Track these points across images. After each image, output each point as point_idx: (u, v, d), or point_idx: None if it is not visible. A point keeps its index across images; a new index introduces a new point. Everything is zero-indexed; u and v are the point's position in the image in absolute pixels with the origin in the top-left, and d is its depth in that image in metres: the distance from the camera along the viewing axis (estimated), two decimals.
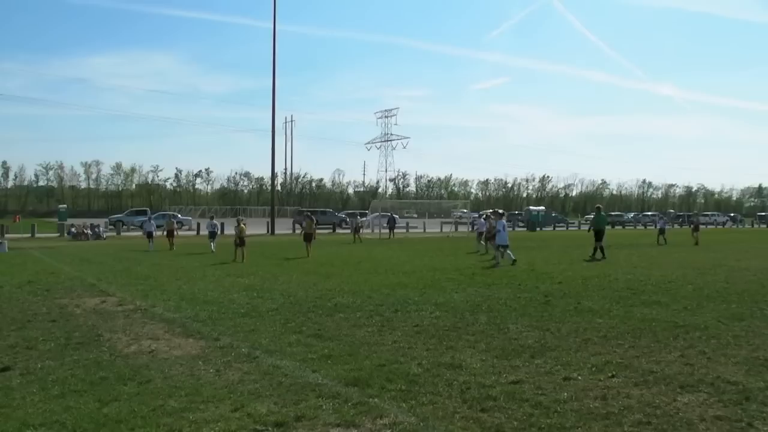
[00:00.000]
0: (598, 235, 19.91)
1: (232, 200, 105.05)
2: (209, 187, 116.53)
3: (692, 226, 30.53)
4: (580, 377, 5.45)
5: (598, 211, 21.45)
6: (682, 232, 47.27)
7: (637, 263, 17.63)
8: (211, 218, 26.14)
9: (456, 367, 5.78)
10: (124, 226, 40.15)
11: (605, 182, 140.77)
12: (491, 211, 26.48)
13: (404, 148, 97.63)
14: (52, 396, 4.87)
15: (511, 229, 51.77)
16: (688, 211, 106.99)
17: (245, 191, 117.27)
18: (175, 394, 4.91)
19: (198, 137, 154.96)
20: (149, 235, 24.91)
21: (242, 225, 19.34)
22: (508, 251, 16.85)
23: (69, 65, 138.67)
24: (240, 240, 18.49)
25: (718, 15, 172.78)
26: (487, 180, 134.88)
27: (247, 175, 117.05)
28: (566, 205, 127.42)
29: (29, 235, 32.44)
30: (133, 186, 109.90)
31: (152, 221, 27.40)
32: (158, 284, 12.31)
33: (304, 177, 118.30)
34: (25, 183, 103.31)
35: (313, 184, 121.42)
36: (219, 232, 21.36)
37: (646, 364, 5.90)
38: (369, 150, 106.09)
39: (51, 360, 6.02)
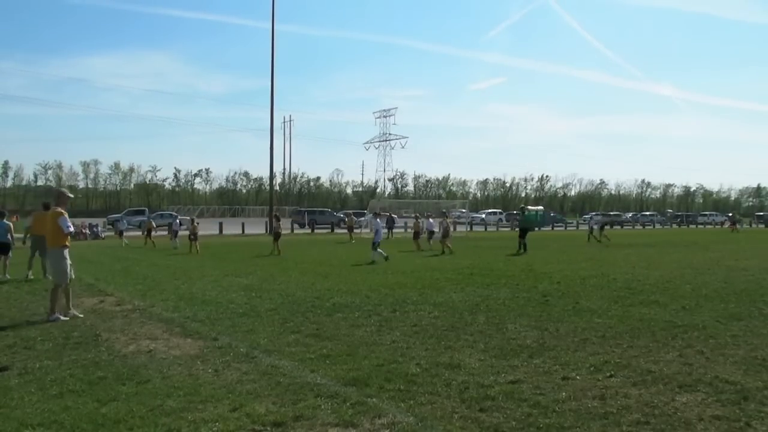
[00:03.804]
0: (523, 232, 22.92)
1: (231, 200, 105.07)
2: (208, 186, 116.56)
3: (597, 225, 32.08)
4: (578, 377, 5.45)
5: (523, 211, 25.62)
6: (671, 232, 47.34)
7: (636, 263, 17.64)
8: (175, 218, 29.26)
9: (454, 366, 5.78)
10: None
11: (604, 182, 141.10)
12: (444, 210, 29.75)
13: (403, 147, 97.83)
14: (50, 396, 4.86)
15: (509, 229, 51.91)
16: (687, 210, 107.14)
17: (244, 191, 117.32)
18: (173, 394, 4.91)
19: (196, 137, 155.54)
20: (120, 233, 28.50)
21: (195, 224, 23.20)
22: (379, 249, 18.42)
23: (67, 65, 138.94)
24: (193, 236, 22.24)
25: (717, 15, 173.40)
26: (485, 180, 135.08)
27: (245, 174, 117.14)
28: (565, 204, 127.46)
29: (22, 234, 32.33)
30: (132, 186, 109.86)
31: (124, 220, 31.50)
32: (156, 284, 12.30)
33: (302, 177, 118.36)
34: (24, 183, 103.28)
35: (312, 184, 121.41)
36: (179, 230, 26.10)
37: (644, 364, 5.90)
38: (367, 150, 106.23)
39: (49, 360, 6.01)
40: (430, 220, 25.17)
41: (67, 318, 8.21)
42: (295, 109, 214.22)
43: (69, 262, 8.61)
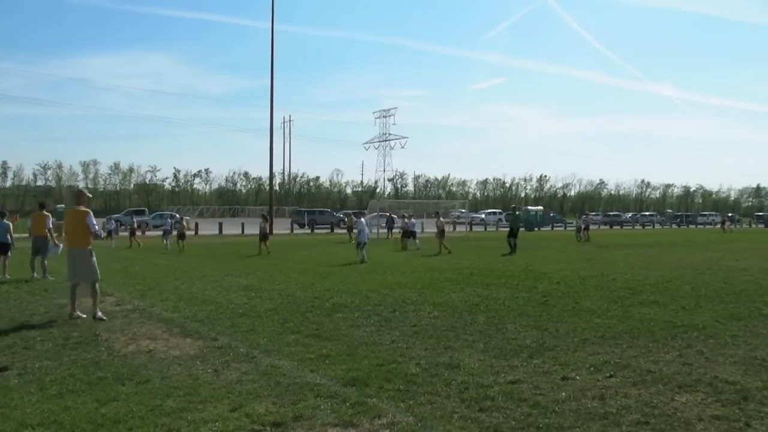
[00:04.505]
0: (513, 232, 23.04)
1: (231, 200, 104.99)
2: (207, 186, 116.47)
3: (583, 225, 33.17)
4: (578, 377, 5.45)
5: (514, 211, 25.97)
6: (670, 232, 47.26)
7: (635, 263, 17.65)
8: (166, 217, 31.21)
9: (454, 366, 5.78)
10: (122, 226, 40.08)
11: (603, 182, 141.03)
12: (440, 211, 29.02)
13: (402, 147, 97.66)
14: (50, 396, 4.86)
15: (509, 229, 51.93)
16: (687, 210, 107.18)
17: (243, 191, 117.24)
18: (173, 394, 4.91)
19: (196, 137, 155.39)
20: (108, 233, 28.15)
21: (184, 223, 24.54)
22: (363, 251, 17.99)
23: (67, 65, 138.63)
24: (181, 234, 23.32)
25: (716, 16, 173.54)
26: (485, 180, 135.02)
27: (245, 175, 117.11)
28: (564, 204, 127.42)
29: (27, 234, 32.37)
30: (132, 186, 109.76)
31: (112, 221, 31.69)
32: (156, 284, 12.29)
33: (302, 177, 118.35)
34: (24, 183, 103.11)
35: (311, 184, 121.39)
36: (170, 230, 26.18)
37: (644, 364, 5.90)
38: (367, 150, 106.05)
39: (49, 360, 6.01)
40: (411, 220, 25.98)
41: (76, 318, 8.26)
42: (295, 109, 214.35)
43: (95, 260, 8.73)
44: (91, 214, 8.76)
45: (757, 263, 17.75)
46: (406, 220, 25.90)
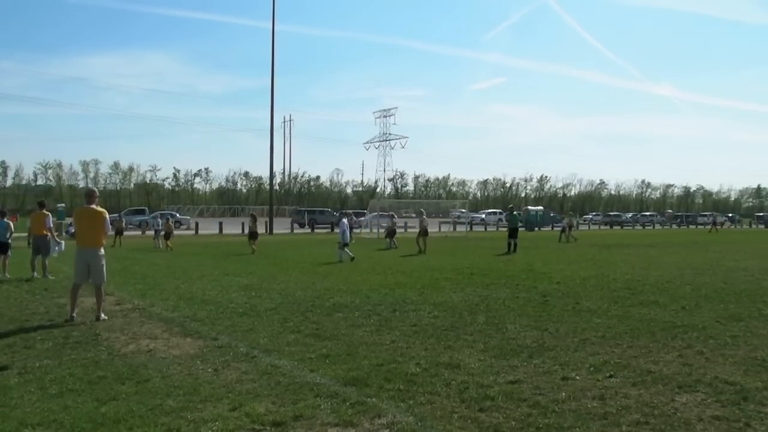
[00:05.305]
0: (513, 232, 23.12)
1: (231, 199, 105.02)
2: (208, 186, 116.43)
3: (567, 225, 34.05)
4: (578, 377, 5.45)
5: (511, 211, 25.92)
6: (670, 232, 47.22)
7: (635, 263, 17.65)
8: (156, 217, 32.05)
9: (454, 366, 5.78)
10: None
11: (603, 182, 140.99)
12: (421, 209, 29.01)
13: (403, 147, 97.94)
14: (50, 395, 4.86)
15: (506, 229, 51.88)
16: (687, 211, 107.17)
17: (244, 190, 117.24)
18: (173, 393, 4.91)
19: (196, 137, 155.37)
20: None
21: (169, 222, 25.52)
22: (347, 249, 18.44)
23: (67, 64, 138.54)
24: (167, 234, 23.97)
25: (716, 16, 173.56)
26: (485, 180, 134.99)
27: (245, 174, 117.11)
28: (564, 204, 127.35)
29: (26, 234, 32.32)
30: (132, 185, 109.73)
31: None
32: (156, 283, 12.29)
33: (302, 176, 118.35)
34: (24, 182, 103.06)
35: (311, 184, 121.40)
36: (161, 230, 26.32)
37: (644, 364, 5.90)
38: (367, 150, 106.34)
39: (49, 359, 6.01)
40: (394, 219, 27.22)
41: (75, 319, 8.25)
42: (295, 109, 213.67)
43: (105, 262, 8.78)
44: (107, 214, 8.76)
45: (757, 263, 17.75)
46: (395, 219, 26.90)
